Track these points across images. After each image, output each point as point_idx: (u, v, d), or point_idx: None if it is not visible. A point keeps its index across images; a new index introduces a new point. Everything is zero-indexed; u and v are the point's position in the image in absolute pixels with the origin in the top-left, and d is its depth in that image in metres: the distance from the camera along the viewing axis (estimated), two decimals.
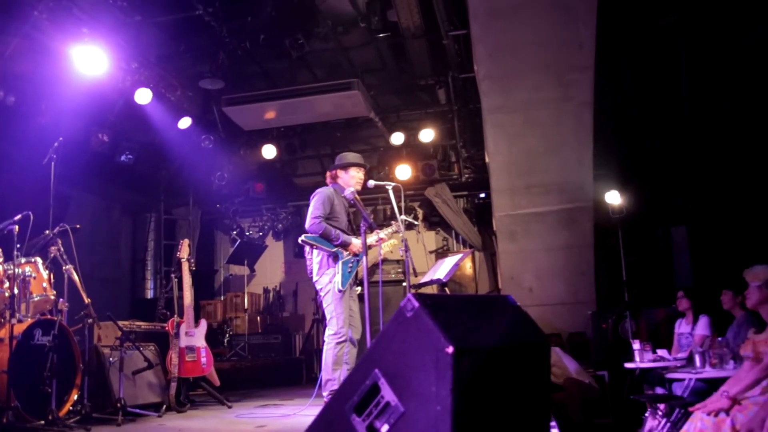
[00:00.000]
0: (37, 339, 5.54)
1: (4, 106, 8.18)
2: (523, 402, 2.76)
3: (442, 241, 13.24)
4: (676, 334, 7.62)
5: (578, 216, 9.94)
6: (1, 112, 8.24)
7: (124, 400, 5.86)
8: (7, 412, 5.00)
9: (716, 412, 4.02)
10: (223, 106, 10.45)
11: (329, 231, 5.55)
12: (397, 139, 11.72)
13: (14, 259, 5.51)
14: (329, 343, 5.54)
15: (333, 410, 2.84)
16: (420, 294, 2.61)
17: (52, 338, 5.45)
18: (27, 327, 5.43)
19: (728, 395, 4.11)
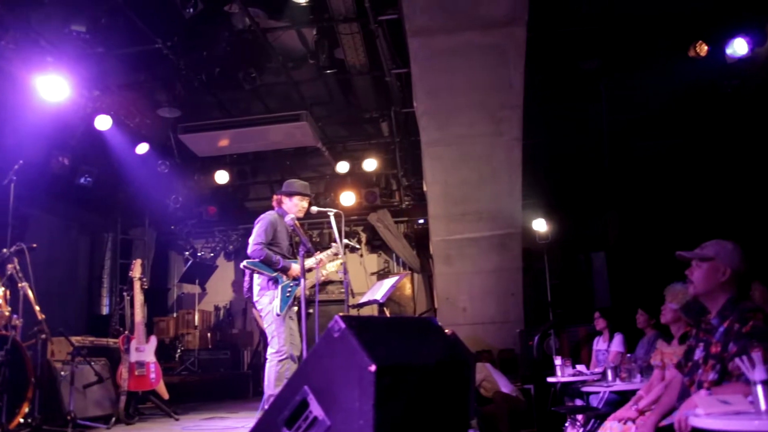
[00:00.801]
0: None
1: None
2: (443, 416, 2.80)
3: (384, 264, 13.29)
4: (594, 350, 7.79)
5: (508, 241, 10.07)
6: None
7: (74, 412, 5.74)
8: None
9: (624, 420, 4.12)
10: (180, 134, 10.39)
11: (270, 257, 5.54)
12: (342, 168, 11.78)
13: None
14: (271, 361, 5.50)
15: (266, 423, 2.84)
16: (346, 316, 2.64)
17: (5, 353, 5.32)
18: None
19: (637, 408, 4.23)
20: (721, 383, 3.00)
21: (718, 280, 3.16)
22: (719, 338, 3.08)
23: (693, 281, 3.27)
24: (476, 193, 9.68)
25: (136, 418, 6.57)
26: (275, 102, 10.61)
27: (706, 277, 3.20)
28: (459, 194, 9.75)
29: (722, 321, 3.11)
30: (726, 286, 3.16)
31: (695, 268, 3.24)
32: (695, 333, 3.43)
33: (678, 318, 5.03)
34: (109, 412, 6.39)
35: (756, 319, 2.95)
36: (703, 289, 3.24)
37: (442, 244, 10.31)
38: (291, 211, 5.88)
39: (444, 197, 9.88)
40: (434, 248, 10.59)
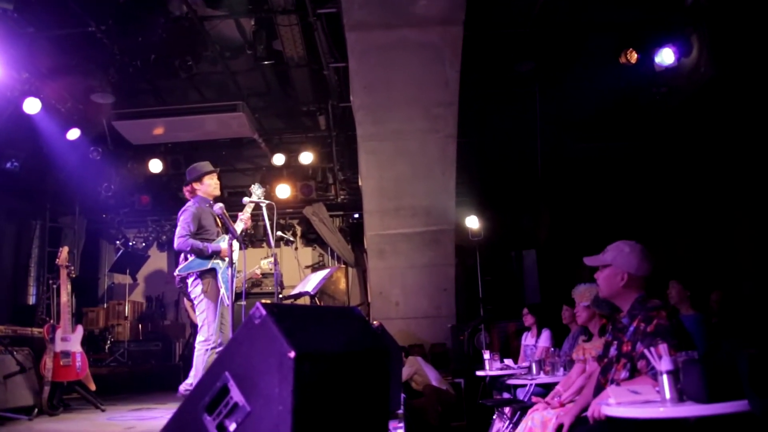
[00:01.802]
0: None
1: None
2: (362, 403, 2.85)
3: (318, 257, 13.30)
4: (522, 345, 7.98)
5: (441, 237, 10.22)
6: None
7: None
8: None
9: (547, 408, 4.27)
10: (113, 120, 10.19)
11: (197, 245, 5.52)
12: (278, 160, 11.75)
13: None
14: (200, 350, 5.48)
15: (187, 410, 2.84)
16: (267, 303, 2.67)
17: None
18: None
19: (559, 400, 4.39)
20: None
21: (618, 284, 3.30)
22: (629, 337, 3.23)
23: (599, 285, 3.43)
24: (410, 189, 9.79)
25: (60, 409, 6.39)
26: (212, 92, 10.50)
27: (607, 282, 3.35)
28: (393, 189, 9.84)
29: (632, 320, 3.25)
30: (629, 288, 3.30)
31: (599, 273, 3.40)
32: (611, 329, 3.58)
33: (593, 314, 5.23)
34: (31, 403, 6.19)
35: (659, 318, 3.10)
36: (607, 293, 3.39)
37: (376, 238, 10.39)
38: (208, 192, 5.87)
39: (379, 192, 9.95)
40: (368, 243, 10.67)
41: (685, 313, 5.98)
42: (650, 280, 3.34)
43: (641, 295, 3.28)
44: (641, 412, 2.67)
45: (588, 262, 3.43)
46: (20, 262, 12.13)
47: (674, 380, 2.64)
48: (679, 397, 2.62)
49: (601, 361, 3.51)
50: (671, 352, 2.75)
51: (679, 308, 6.06)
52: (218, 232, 5.85)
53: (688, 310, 6.05)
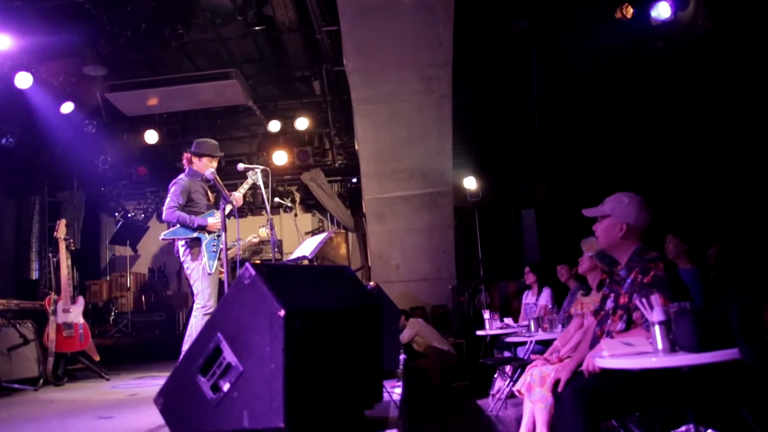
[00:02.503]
0: None
1: None
2: (354, 360, 2.87)
3: (318, 223, 13.31)
4: (523, 304, 8.01)
5: (439, 199, 10.22)
6: None
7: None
8: None
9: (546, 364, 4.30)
10: (106, 92, 10.15)
11: (184, 217, 5.58)
12: (274, 127, 11.71)
13: None
14: (197, 316, 5.56)
15: (182, 372, 2.86)
16: (256, 263, 2.67)
17: None
18: None
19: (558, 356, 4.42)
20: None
21: (616, 234, 3.29)
22: (627, 289, 3.23)
23: (597, 236, 3.41)
24: (407, 151, 9.76)
25: (65, 379, 6.47)
26: (205, 60, 10.41)
27: (606, 233, 3.33)
28: (390, 152, 9.81)
29: (629, 272, 3.25)
30: (627, 239, 3.29)
31: (598, 224, 3.38)
32: (608, 282, 3.58)
33: (594, 266, 5.23)
34: (36, 374, 6.27)
35: (657, 269, 3.09)
36: (604, 244, 3.37)
37: (374, 202, 10.38)
38: (201, 170, 5.91)
39: (375, 155, 9.92)
40: (367, 207, 10.66)
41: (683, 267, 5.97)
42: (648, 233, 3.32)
43: (639, 247, 3.27)
44: (633, 363, 2.68)
45: (587, 213, 3.42)
46: (21, 238, 12.16)
47: (666, 331, 2.64)
48: (671, 348, 2.62)
49: (597, 314, 3.52)
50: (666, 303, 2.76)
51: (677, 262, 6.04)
52: (208, 205, 5.89)
53: (685, 264, 6.04)
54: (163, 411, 2.90)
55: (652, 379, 2.96)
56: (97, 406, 4.48)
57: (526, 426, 4.58)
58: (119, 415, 3.76)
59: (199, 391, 2.72)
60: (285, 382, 2.47)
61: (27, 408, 4.62)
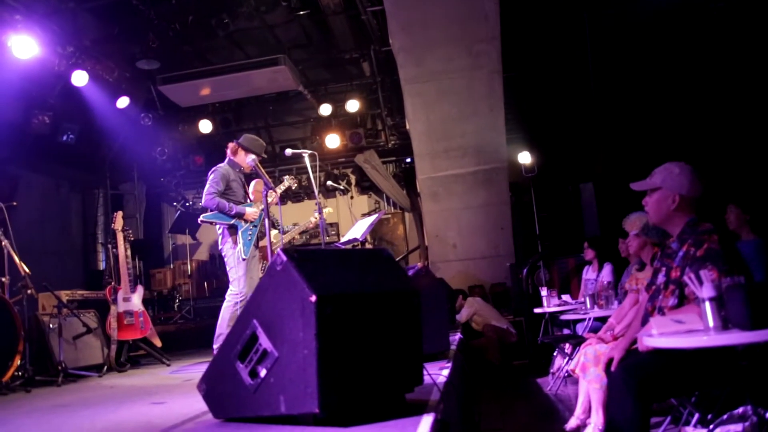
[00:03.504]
0: None
1: None
2: (390, 344, 2.83)
3: (374, 204, 13.31)
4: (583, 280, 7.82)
5: (494, 176, 10.07)
6: None
7: (64, 363, 5.83)
8: None
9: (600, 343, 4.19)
10: (159, 85, 10.33)
11: (223, 204, 5.65)
12: (325, 110, 11.73)
13: None
14: (229, 302, 5.67)
15: (222, 358, 2.89)
16: (288, 249, 2.66)
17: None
18: None
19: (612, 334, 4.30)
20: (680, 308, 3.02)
21: (668, 207, 3.12)
22: (678, 263, 3.08)
23: (648, 210, 3.25)
24: (459, 129, 9.64)
25: (128, 365, 6.68)
26: (254, 48, 10.47)
27: (658, 206, 3.17)
28: (441, 130, 9.71)
29: (681, 245, 3.09)
30: (680, 211, 3.13)
31: (648, 198, 3.22)
32: (659, 255, 3.43)
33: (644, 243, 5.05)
34: (100, 361, 6.50)
35: (710, 242, 2.93)
36: (656, 218, 3.21)
37: (429, 181, 10.31)
38: (241, 163, 5.99)
39: (427, 134, 9.84)
40: (421, 186, 10.60)
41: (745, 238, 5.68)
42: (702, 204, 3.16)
43: (692, 219, 3.11)
44: (684, 342, 2.54)
45: (635, 187, 3.26)
46: (88, 230, 12.55)
47: (718, 307, 2.49)
48: (723, 325, 2.47)
49: (649, 288, 3.38)
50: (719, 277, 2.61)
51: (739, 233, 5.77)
52: (245, 196, 5.95)
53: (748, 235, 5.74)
54: (205, 397, 2.94)
55: (705, 358, 2.82)
56: (153, 391, 4.59)
57: (581, 406, 4.50)
58: (171, 401, 3.83)
59: (238, 377, 2.75)
60: (319, 367, 2.46)
61: (87, 394, 4.77)
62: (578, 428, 4.43)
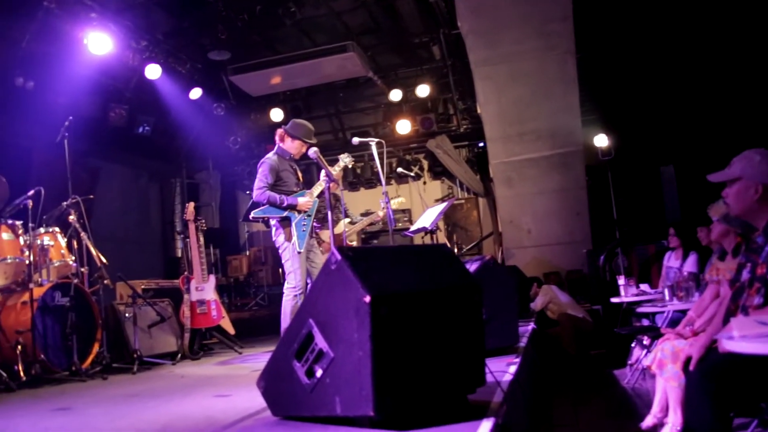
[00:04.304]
0: (57, 300, 5.67)
1: (24, 91, 8.24)
2: (451, 343, 2.74)
3: (447, 190, 13.20)
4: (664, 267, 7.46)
5: (570, 160, 9.80)
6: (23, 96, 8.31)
7: (139, 351, 5.97)
8: (35, 365, 5.14)
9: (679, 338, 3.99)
10: (230, 75, 10.48)
11: (274, 198, 5.56)
12: (395, 96, 11.66)
13: (29, 230, 5.62)
14: (288, 296, 5.59)
15: (280, 356, 2.87)
16: (344, 247, 2.60)
17: (69, 299, 5.57)
18: (46, 290, 5.55)
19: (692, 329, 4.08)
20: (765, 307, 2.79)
21: (751, 198, 2.87)
22: (764, 258, 2.83)
23: (728, 203, 3.02)
24: (532, 112, 9.42)
25: (201, 353, 6.82)
26: (322, 35, 10.45)
27: (739, 198, 2.92)
28: (514, 114, 9.51)
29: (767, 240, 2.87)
30: (765, 202, 2.88)
31: (728, 189, 2.98)
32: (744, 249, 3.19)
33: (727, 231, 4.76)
34: (174, 349, 6.66)
35: None
36: (738, 210, 2.96)
37: (502, 166, 10.14)
38: (290, 150, 5.87)
39: (499, 118, 9.65)
40: (494, 171, 10.43)
41: None
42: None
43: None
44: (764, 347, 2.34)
45: (712, 178, 3.02)
46: (166, 219, 12.92)
47: None
48: None
49: (733, 285, 3.15)
50: None
51: None
52: (297, 184, 5.86)
53: None
54: (264, 394, 2.93)
55: None
56: (220, 382, 4.65)
57: (659, 404, 4.27)
58: (235, 393, 3.87)
59: (295, 376, 2.71)
60: (373, 369, 2.39)
61: (158, 383, 4.87)
62: (655, 427, 4.22)
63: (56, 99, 8.51)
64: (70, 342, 5.48)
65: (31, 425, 3.43)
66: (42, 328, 5.44)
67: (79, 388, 4.86)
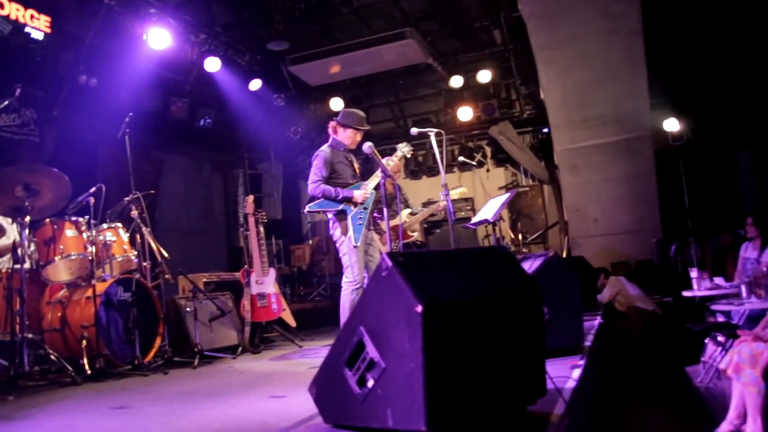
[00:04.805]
0: (120, 295, 5.76)
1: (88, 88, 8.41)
2: (508, 352, 2.60)
3: (511, 177, 12.94)
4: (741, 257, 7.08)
5: (637, 145, 9.48)
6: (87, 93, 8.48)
7: (200, 345, 6.02)
8: (99, 359, 5.25)
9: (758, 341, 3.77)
10: (289, 66, 10.49)
11: (329, 191, 5.49)
12: (456, 83, 11.48)
13: (91, 226, 5.72)
14: (346, 290, 5.56)
15: (331, 363, 2.78)
16: (394, 253, 2.48)
17: (131, 294, 5.65)
18: (109, 285, 5.64)
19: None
20: None
21: None
22: None
23: None
24: (597, 96, 9.14)
25: (261, 346, 6.83)
26: (381, 23, 10.33)
27: None
28: (578, 98, 9.26)
29: None
30: None
31: None
32: None
33: None
34: (235, 342, 6.69)
35: None
36: None
37: (566, 153, 9.89)
38: (344, 141, 5.79)
39: (563, 103, 9.40)
40: (558, 158, 10.18)
41: None
42: None
43: None
44: None
45: None
46: (229, 209, 13.09)
47: None
48: None
49: None
50: None
51: None
52: (353, 176, 5.77)
53: None
54: (316, 400, 2.86)
55: None
56: (277, 380, 4.63)
57: (735, 409, 4.03)
58: (291, 395, 3.82)
59: (347, 384, 2.63)
60: (425, 382, 2.28)
61: (216, 380, 4.87)
62: None
63: (119, 94, 8.65)
64: (132, 336, 5.55)
65: (88, 424, 3.46)
66: (105, 323, 5.54)
67: (140, 383, 4.91)
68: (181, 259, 11.54)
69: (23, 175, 5.16)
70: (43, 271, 5.65)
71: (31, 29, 7.33)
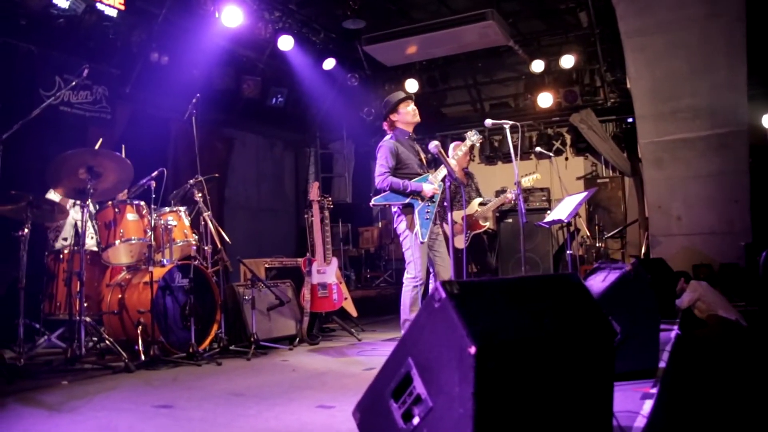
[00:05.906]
0: (177, 281, 5.73)
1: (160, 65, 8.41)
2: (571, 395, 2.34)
3: (591, 167, 12.40)
4: None
5: (731, 141, 8.89)
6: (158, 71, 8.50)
7: (256, 334, 5.91)
8: (153, 346, 5.22)
9: None
10: (365, 45, 10.28)
11: (397, 184, 5.31)
12: (537, 67, 11.01)
13: (151, 211, 5.68)
14: (407, 286, 5.45)
15: (377, 390, 2.58)
16: (449, 282, 2.23)
17: (189, 281, 5.60)
18: (167, 271, 5.61)
19: None
20: None
21: None
22: None
23: None
24: (689, 87, 8.59)
25: (319, 337, 6.69)
26: (461, 2, 9.97)
27: None
28: (668, 89, 8.75)
29: None
30: None
31: None
32: None
33: None
34: (293, 332, 6.56)
35: None
36: None
37: (652, 146, 9.40)
38: (406, 121, 5.62)
39: (651, 94, 8.91)
40: (643, 151, 9.68)
41: None
42: None
43: None
44: None
45: None
46: (300, 188, 13.06)
47: None
48: None
49: None
50: None
51: None
52: (420, 164, 5.53)
53: None
54: (360, 426, 2.67)
55: None
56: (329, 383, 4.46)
57: None
58: (339, 404, 3.65)
59: (391, 417, 2.42)
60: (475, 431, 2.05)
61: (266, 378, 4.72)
62: None
63: (191, 72, 8.66)
64: (188, 323, 5.51)
65: (128, 426, 3.38)
66: (162, 309, 5.52)
67: (191, 375, 4.84)
68: (251, 237, 11.66)
69: (87, 157, 5.15)
70: (104, 253, 5.67)
71: (105, 6, 7.34)
